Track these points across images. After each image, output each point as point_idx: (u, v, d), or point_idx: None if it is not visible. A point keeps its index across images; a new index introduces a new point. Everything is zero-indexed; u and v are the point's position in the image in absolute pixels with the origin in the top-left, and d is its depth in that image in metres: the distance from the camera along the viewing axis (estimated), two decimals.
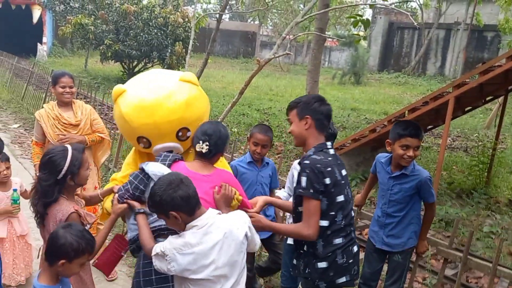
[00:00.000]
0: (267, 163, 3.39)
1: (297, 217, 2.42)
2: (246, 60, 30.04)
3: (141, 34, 13.74)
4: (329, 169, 2.29)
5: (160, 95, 2.50)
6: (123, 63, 15.36)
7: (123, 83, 2.75)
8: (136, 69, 15.51)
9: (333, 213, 2.32)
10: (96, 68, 18.08)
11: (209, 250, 1.98)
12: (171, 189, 1.93)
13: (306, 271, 2.38)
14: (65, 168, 2.27)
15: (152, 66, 15.33)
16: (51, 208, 2.28)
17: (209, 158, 2.38)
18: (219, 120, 3.78)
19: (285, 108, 8.95)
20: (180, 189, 1.93)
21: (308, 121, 2.37)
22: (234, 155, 4.63)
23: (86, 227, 2.31)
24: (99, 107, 9.58)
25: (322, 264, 2.34)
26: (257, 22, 35.87)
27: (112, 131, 7.26)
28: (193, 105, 2.57)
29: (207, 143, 2.33)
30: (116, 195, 2.38)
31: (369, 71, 23.43)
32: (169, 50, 14.04)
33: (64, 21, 15.28)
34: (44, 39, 21.38)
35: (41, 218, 2.32)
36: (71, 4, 16.80)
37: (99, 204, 3.14)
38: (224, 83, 17.21)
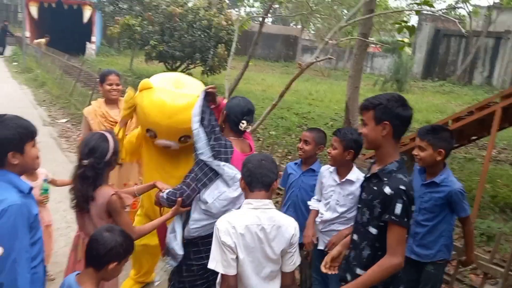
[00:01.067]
0: (314, 170, 3.23)
1: (362, 235, 2.27)
2: (286, 63, 30.06)
3: (185, 35, 14.01)
4: (413, 192, 2.13)
5: (180, 104, 2.83)
6: (166, 64, 15.71)
7: None
8: (179, 70, 15.82)
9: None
10: (140, 68, 18.58)
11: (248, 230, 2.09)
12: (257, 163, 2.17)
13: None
14: (111, 149, 2.42)
15: (194, 67, 15.59)
16: (97, 192, 2.38)
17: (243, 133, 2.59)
18: (257, 122, 3.79)
19: (324, 113, 8.99)
20: (257, 166, 2.16)
21: (387, 127, 2.12)
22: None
23: (126, 209, 2.52)
24: None
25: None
26: (299, 26, 35.82)
27: None
28: None
29: (250, 122, 2.48)
30: (164, 194, 2.52)
31: (413, 79, 22.90)
32: (212, 52, 14.24)
33: (112, 22, 15.79)
34: (93, 38, 22.18)
35: (86, 203, 2.38)
36: (119, 5, 17.35)
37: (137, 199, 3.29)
38: (264, 86, 17.28)
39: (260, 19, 11.09)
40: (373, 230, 2.19)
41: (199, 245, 2.62)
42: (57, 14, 21.71)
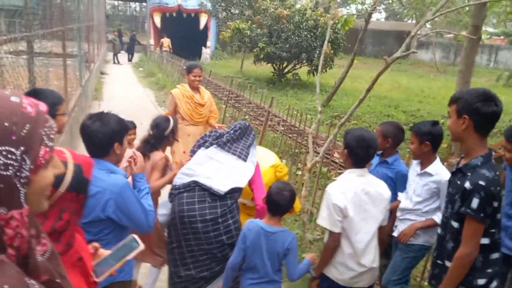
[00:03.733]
0: (387, 162, 3.24)
1: (446, 230, 2.31)
2: (399, 60, 28.80)
3: (292, 36, 14.30)
4: (498, 189, 2.13)
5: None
6: (274, 65, 16.16)
7: (273, 84, 3.39)
8: (286, 70, 16.18)
9: (493, 230, 2.19)
10: (250, 69, 19.32)
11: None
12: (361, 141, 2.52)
13: None
14: (170, 129, 3.27)
15: (300, 67, 15.82)
16: (152, 154, 3.18)
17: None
18: (344, 118, 3.85)
19: (435, 111, 8.67)
20: (365, 145, 2.51)
21: (466, 121, 2.15)
22: None
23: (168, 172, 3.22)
24: (248, 105, 10.31)
25: (481, 281, 2.20)
26: (414, 21, 34.09)
27: (257, 126, 7.77)
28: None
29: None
30: None
31: None
32: (318, 52, 14.34)
33: (225, 27, 16.73)
34: (208, 43, 23.58)
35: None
36: (231, 11, 18.32)
37: None
38: None
39: (366, 16, 10.88)
40: (454, 224, 2.22)
41: (174, 254, 2.83)
42: (177, 22, 23.49)
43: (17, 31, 3.53)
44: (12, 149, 0.84)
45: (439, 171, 2.88)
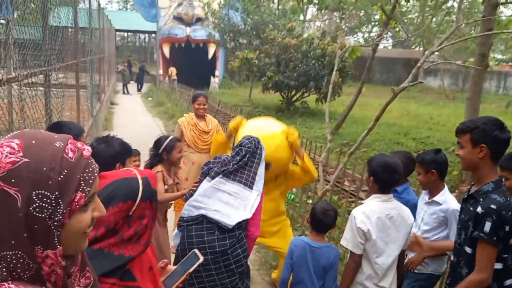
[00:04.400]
0: (397, 191, 3.17)
1: (460, 256, 2.33)
2: (408, 88, 28.92)
3: (300, 65, 14.47)
4: (510, 213, 2.14)
5: (262, 133, 3.51)
6: (282, 93, 16.30)
7: (282, 112, 3.62)
8: (294, 98, 16.30)
9: (506, 255, 2.20)
10: (258, 98, 19.50)
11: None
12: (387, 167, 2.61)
13: None
14: (163, 147, 3.47)
15: (309, 95, 15.94)
16: (151, 169, 3.41)
17: None
18: (353, 146, 3.89)
19: (445, 137, 8.66)
20: (391, 171, 2.58)
21: (484, 150, 2.18)
22: None
23: (165, 187, 3.47)
24: None
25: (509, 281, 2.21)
26: (421, 48, 34.40)
27: None
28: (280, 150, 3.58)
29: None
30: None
31: None
32: (326, 80, 14.48)
33: (233, 56, 17.01)
34: (217, 73, 23.92)
35: None
36: (239, 41, 18.66)
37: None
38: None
39: (374, 45, 11.02)
40: (468, 249, 2.24)
41: (184, 285, 2.81)
42: (186, 52, 23.92)
43: (31, 64, 3.64)
44: (47, 193, 0.89)
45: (447, 200, 2.89)
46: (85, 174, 0.96)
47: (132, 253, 1.52)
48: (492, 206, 2.11)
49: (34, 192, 0.87)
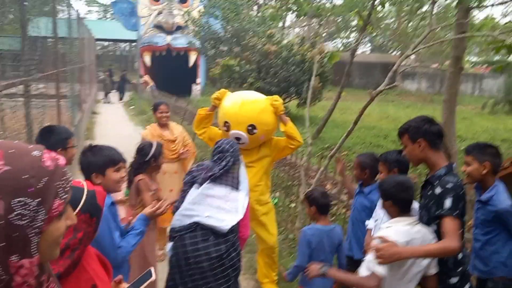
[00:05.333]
0: (363, 192, 3.43)
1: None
2: (386, 91, 29.38)
3: (280, 71, 14.61)
4: (463, 191, 2.44)
5: (247, 98, 3.80)
6: None
7: None
8: None
9: (461, 231, 2.45)
10: None
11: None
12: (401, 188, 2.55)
13: None
14: (151, 154, 3.53)
15: (290, 100, 16.08)
16: (135, 178, 3.52)
17: None
18: (333, 149, 3.99)
19: None
20: (405, 188, 2.54)
21: (422, 143, 2.52)
22: None
23: (151, 192, 3.52)
24: None
25: (455, 279, 2.49)
26: (399, 53, 35.00)
27: None
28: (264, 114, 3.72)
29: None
30: None
31: None
32: (306, 85, 14.63)
33: (214, 63, 17.05)
34: (198, 80, 23.90)
35: (130, 183, 3.58)
36: (220, 48, 18.72)
37: None
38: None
39: (351, 51, 11.21)
40: (434, 226, 2.48)
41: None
42: (167, 60, 23.86)
43: (11, 75, 3.65)
44: (29, 200, 0.90)
45: None
46: (62, 182, 0.98)
47: (61, 269, 1.45)
48: (448, 186, 2.40)
49: (14, 200, 0.88)
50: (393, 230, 2.45)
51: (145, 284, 1.85)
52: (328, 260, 3.13)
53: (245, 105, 3.76)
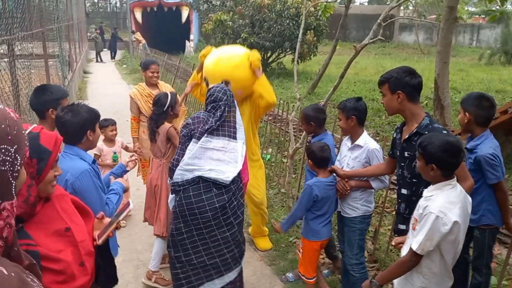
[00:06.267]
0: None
1: (412, 187, 2.68)
2: (383, 44, 28.95)
3: (274, 25, 14.32)
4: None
5: (222, 55, 3.87)
6: None
7: None
8: (270, 60, 16.20)
9: None
10: None
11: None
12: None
13: None
14: (168, 104, 3.68)
15: (285, 56, 15.85)
16: (159, 128, 3.69)
17: None
18: (322, 104, 3.97)
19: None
20: (456, 152, 2.19)
21: (400, 95, 2.59)
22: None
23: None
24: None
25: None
26: (397, 4, 34.14)
27: None
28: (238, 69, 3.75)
29: None
30: None
31: None
32: (302, 39, 14.38)
33: (207, 19, 16.66)
34: (191, 37, 23.46)
35: (154, 135, 3.74)
36: (213, 2, 18.24)
37: None
38: (357, 69, 16.95)
39: (347, 2, 10.95)
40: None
41: (186, 244, 2.99)
42: (159, 17, 23.33)
43: None
44: (9, 147, 0.97)
45: (367, 142, 3.16)
46: (24, 131, 1.05)
47: (17, 212, 1.47)
48: (444, 131, 2.44)
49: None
50: (444, 198, 2.18)
51: (125, 213, 2.00)
52: (330, 211, 3.30)
53: (220, 61, 3.83)
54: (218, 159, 2.91)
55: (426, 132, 2.49)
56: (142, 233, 4.54)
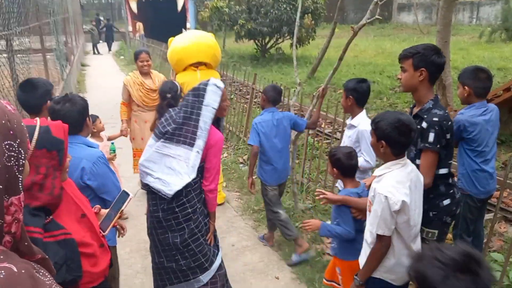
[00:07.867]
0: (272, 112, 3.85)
1: None
2: (382, 25, 28.68)
3: (271, 10, 14.19)
4: (450, 123, 2.46)
5: (184, 43, 4.53)
6: (256, 41, 16.04)
7: (257, 60, 4.01)
8: (268, 45, 16.09)
9: (450, 161, 2.56)
10: (232, 48, 19.18)
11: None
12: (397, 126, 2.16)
13: (431, 214, 2.55)
14: (180, 89, 3.59)
15: (283, 41, 15.73)
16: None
17: None
18: (322, 87, 3.94)
19: None
20: (407, 131, 2.16)
21: (423, 73, 2.44)
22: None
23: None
24: (233, 84, 10.31)
25: (446, 201, 2.57)
26: None
27: (243, 105, 7.83)
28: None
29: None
30: None
31: None
32: (299, 24, 14.26)
33: (203, 6, 16.52)
34: (188, 25, 23.21)
35: None
36: None
37: None
38: (356, 52, 16.83)
39: None
40: (418, 162, 2.50)
41: (151, 241, 2.89)
42: (154, 6, 23.08)
43: None
44: (12, 142, 0.96)
45: (361, 122, 3.20)
46: (23, 124, 1.04)
47: (37, 204, 1.59)
48: (435, 119, 2.41)
49: (4, 143, 0.94)
50: (393, 177, 2.18)
51: (126, 203, 2.01)
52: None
53: (181, 51, 4.51)
54: (170, 167, 2.70)
55: (425, 116, 2.46)
56: None
